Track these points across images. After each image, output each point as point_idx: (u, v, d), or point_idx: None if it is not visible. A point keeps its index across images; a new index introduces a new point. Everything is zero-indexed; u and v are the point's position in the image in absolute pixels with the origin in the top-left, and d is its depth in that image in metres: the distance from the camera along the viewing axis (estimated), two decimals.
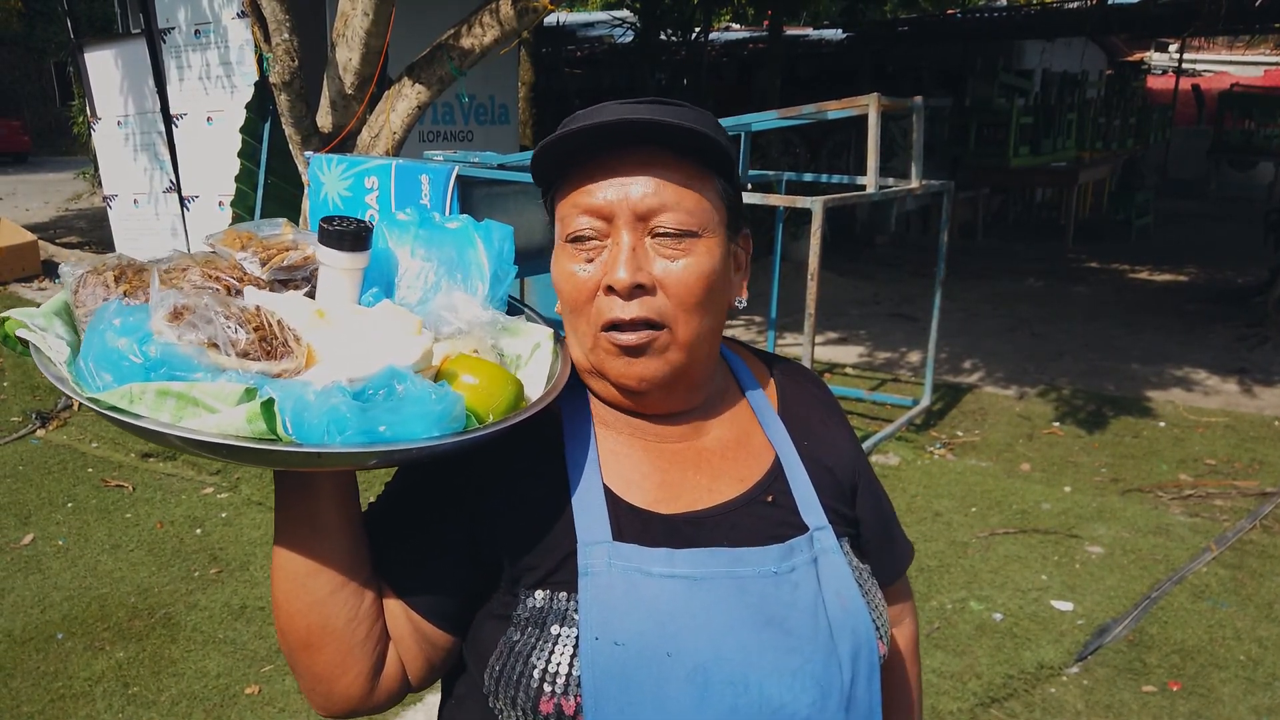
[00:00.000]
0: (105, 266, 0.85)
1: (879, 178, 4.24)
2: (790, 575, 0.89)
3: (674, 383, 0.93)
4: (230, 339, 0.77)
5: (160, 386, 0.72)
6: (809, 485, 0.97)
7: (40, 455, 4.63)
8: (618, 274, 0.86)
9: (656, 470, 0.94)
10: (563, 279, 0.92)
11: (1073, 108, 13.45)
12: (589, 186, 0.88)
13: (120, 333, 0.74)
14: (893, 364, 6.54)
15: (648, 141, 0.88)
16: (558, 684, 0.83)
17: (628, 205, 0.87)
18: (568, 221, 0.90)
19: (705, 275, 0.89)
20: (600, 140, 0.88)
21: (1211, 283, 9.26)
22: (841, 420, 1.08)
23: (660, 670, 0.83)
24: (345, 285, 0.89)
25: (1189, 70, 19.58)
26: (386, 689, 0.90)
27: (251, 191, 6.56)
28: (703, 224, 0.89)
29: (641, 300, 0.87)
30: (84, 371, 0.75)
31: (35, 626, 3.15)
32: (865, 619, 0.90)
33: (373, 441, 0.73)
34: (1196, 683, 2.91)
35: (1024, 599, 3.37)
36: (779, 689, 0.84)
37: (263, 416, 0.71)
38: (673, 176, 0.88)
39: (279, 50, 4.83)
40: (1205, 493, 4.35)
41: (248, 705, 2.77)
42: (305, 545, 0.84)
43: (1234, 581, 3.52)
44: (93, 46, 8.31)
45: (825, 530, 0.94)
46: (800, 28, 14.84)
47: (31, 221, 10.88)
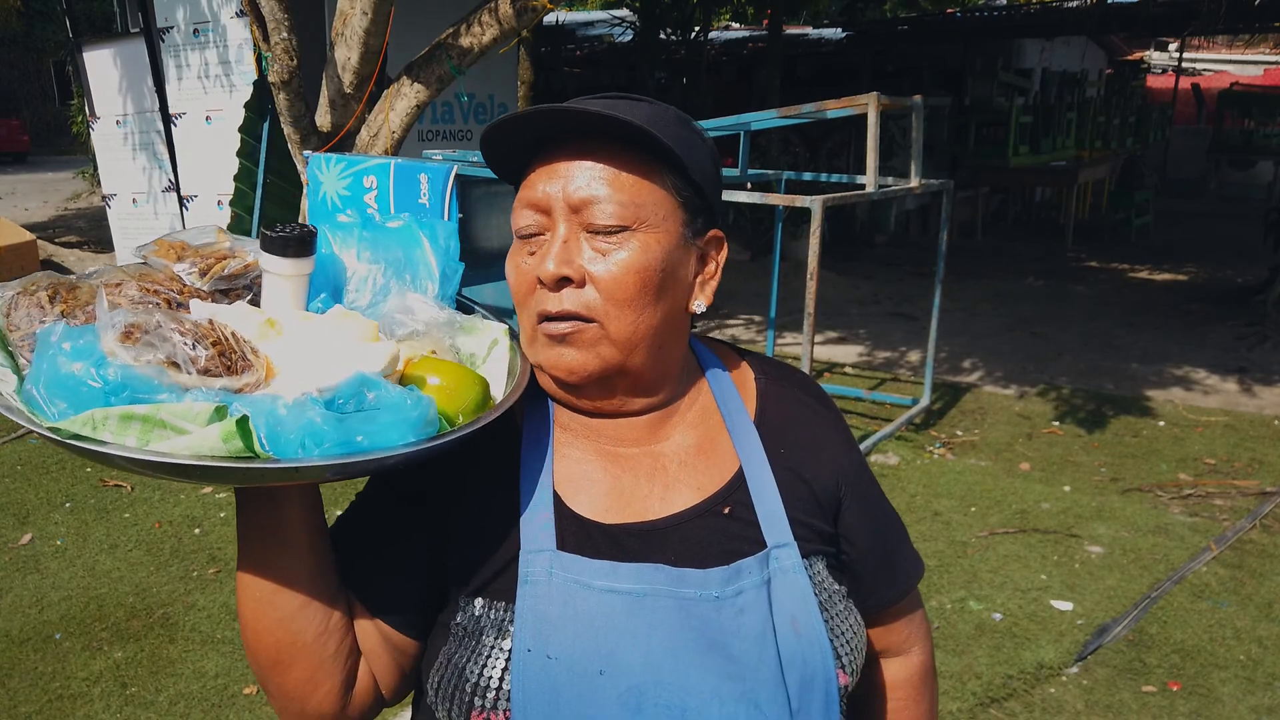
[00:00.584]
0: (36, 286, 0.81)
1: (878, 177, 4.23)
2: (735, 600, 0.85)
3: (610, 378, 0.90)
4: (189, 356, 0.73)
5: (124, 411, 0.68)
6: (776, 498, 0.92)
7: (38, 455, 4.62)
8: (545, 266, 0.85)
9: (609, 476, 0.91)
10: (509, 273, 0.91)
11: (1072, 107, 13.45)
12: (531, 179, 0.88)
13: (72, 357, 0.70)
14: (892, 363, 6.54)
15: (590, 135, 0.87)
16: (488, 698, 0.82)
17: (563, 197, 0.86)
18: (515, 216, 0.91)
19: (637, 270, 0.85)
20: (537, 133, 0.87)
21: (1211, 282, 9.26)
22: (834, 429, 1.02)
23: (592, 689, 0.80)
24: (291, 292, 0.88)
25: (1189, 69, 19.58)
26: (360, 703, 0.89)
27: (250, 191, 6.56)
28: (640, 218, 0.86)
29: (569, 292, 0.86)
30: (36, 399, 0.70)
31: (33, 626, 3.15)
32: (820, 646, 0.85)
33: (350, 452, 0.71)
34: (1196, 683, 2.90)
35: (1023, 599, 3.37)
36: (717, 715, 0.81)
37: (238, 434, 0.69)
38: (611, 169, 0.86)
39: (278, 49, 4.83)
40: (1205, 492, 4.35)
41: (246, 705, 2.76)
42: (271, 561, 0.82)
43: (1234, 581, 3.51)
44: (91, 46, 8.30)
45: (787, 548, 0.89)
46: (800, 27, 14.83)
47: (31, 221, 10.88)
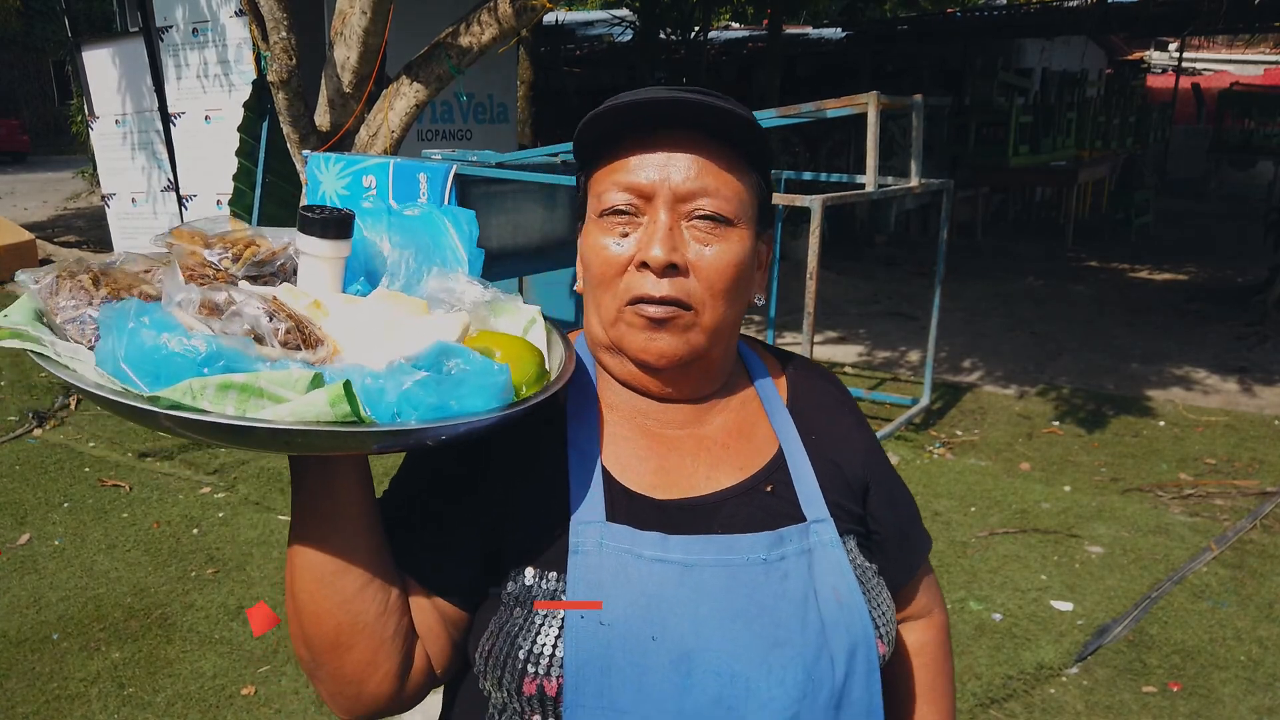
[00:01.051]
0: (78, 269, 0.81)
1: (878, 176, 4.23)
2: (780, 564, 0.88)
3: (690, 365, 0.93)
4: (271, 328, 0.75)
5: (221, 380, 0.69)
6: (813, 479, 0.95)
7: (37, 455, 4.61)
8: (653, 251, 0.86)
9: (655, 455, 0.94)
10: (593, 252, 0.91)
11: (1072, 107, 13.44)
12: (630, 163, 0.89)
13: (158, 329, 0.70)
14: (892, 363, 6.53)
15: (693, 125, 0.88)
16: (541, 664, 0.82)
17: (669, 185, 0.88)
18: (604, 197, 0.90)
19: (736, 263, 0.90)
20: (647, 118, 0.88)
21: (1211, 282, 9.25)
22: (855, 418, 1.06)
23: (644, 654, 0.82)
24: (329, 274, 0.88)
25: (1189, 69, 19.57)
26: (415, 683, 0.89)
27: (250, 190, 6.55)
28: (738, 213, 0.90)
29: (673, 280, 0.88)
30: (122, 375, 0.71)
31: (31, 627, 3.14)
32: (861, 615, 0.88)
33: (445, 417, 0.73)
34: (1197, 683, 2.89)
35: (1023, 599, 3.36)
36: (767, 683, 0.83)
37: (346, 399, 0.70)
38: (714, 162, 0.89)
39: (277, 48, 4.82)
40: (1205, 492, 4.34)
41: (244, 706, 2.75)
42: (331, 541, 0.82)
43: (1234, 581, 3.51)
44: (90, 45, 8.29)
45: (825, 523, 0.92)
46: (800, 27, 14.83)
47: (30, 220, 10.87)
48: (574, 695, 0.81)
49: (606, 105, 0.88)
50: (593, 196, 0.93)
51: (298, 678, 2.87)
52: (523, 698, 0.83)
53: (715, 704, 0.82)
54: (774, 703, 0.83)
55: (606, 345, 0.95)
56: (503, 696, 0.86)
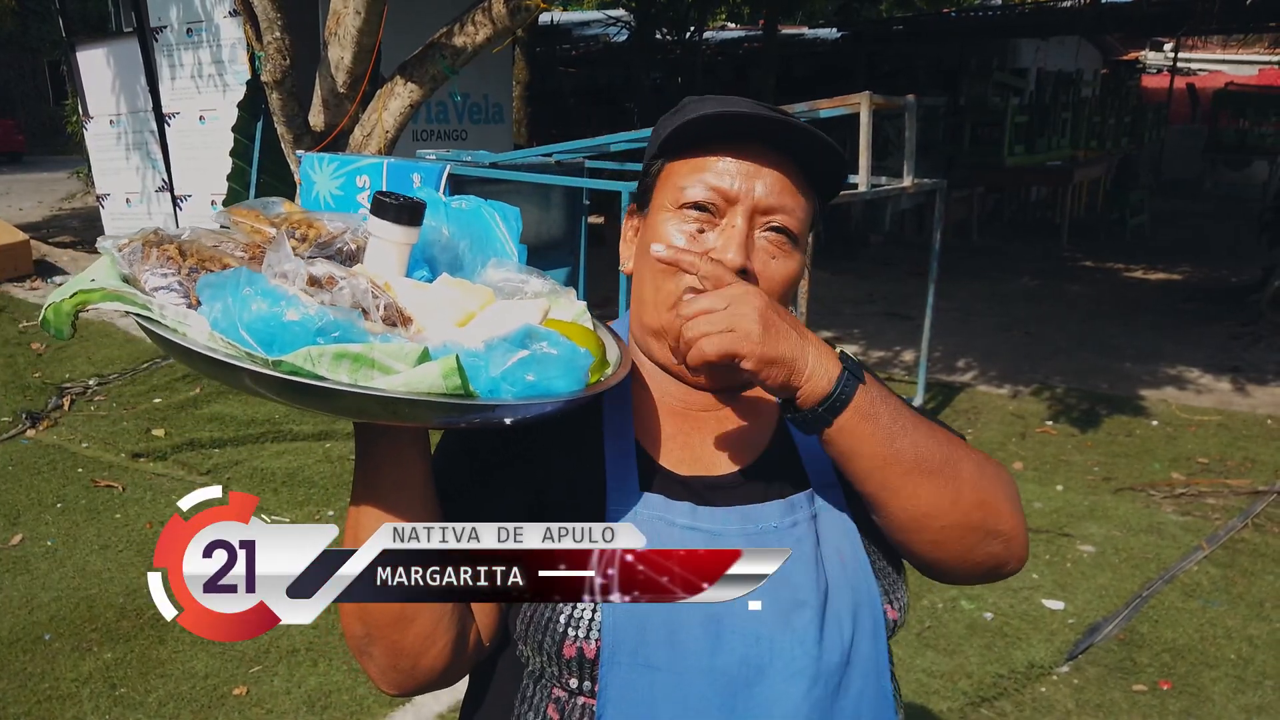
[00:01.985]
0: (159, 239, 0.84)
1: (871, 176, 4.23)
2: (792, 530, 0.93)
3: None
4: (375, 304, 0.79)
5: (337, 349, 0.72)
6: (819, 451, 0.98)
7: (30, 455, 4.61)
8: (729, 253, 0.91)
9: (681, 434, 1.00)
10: (666, 240, 0.95)
11: (1068, 107, 13.46)
12: (719, 165, 0.94)
13: (272, 298, 0.73)
14: (887, 363, 6.54)
15: (784, 145, 0.94)
16: (580, 628, 0.87)
17: (753, 196, 0.93)
18: (687, 190, 0.94)
19: (792, 279, 0.97)
20: (747, 129, 0.93)
21: (1206, 281, 9.27)
22: None
23: (676, 615, 0.87)
24: (396, 259, 0.92)
25: (1184, 69, 19.60)
26: (468, 656, 0.92)
27: (244, 190, 6.55)
28: (802, 233, 0.97)
29: None
30: (242, 340, 0.73)
31: (23, 627, 3.14)
32: (866, 576, 0.93)
33: (538, 395, 0.77)
34: (1187, 682, 2.90)
35: (1015, 598, 3.37)
36: (789, 642, 0.88)
37: (458, 373, 0.73)
38: (793, 182, 0.95)
39: (271, 49, 4.82)
40: (1197, 491, 4.36)
41: (235, 706, 2.76)
42: (398, 510, 0.84)
43: (1225, 580, 3.52)
44: (85, 45, 8.29)
45: (831, 489, 0.97)
46: (795, 27, 14.84)
47: (25, 221, 10.84)
48: (611, 653, 0.86)
49: (717, 111, 0.92)
50: (671, 186, 0.97)
51: (289, 678, 2.87)
52: (562, 660, 0.88)
53: (743, 663, 0.87)
54: (796, 662, 0.88)
55: (656, 329, 0.98)
56: (541, 661, 0.90)
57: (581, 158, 4.88)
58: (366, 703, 2.76)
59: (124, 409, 5.17)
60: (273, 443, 4.73)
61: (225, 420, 4.94)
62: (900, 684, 2.82)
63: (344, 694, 2.80)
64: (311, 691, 2.81)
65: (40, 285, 7.70)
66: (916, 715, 2.73)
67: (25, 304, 7.08)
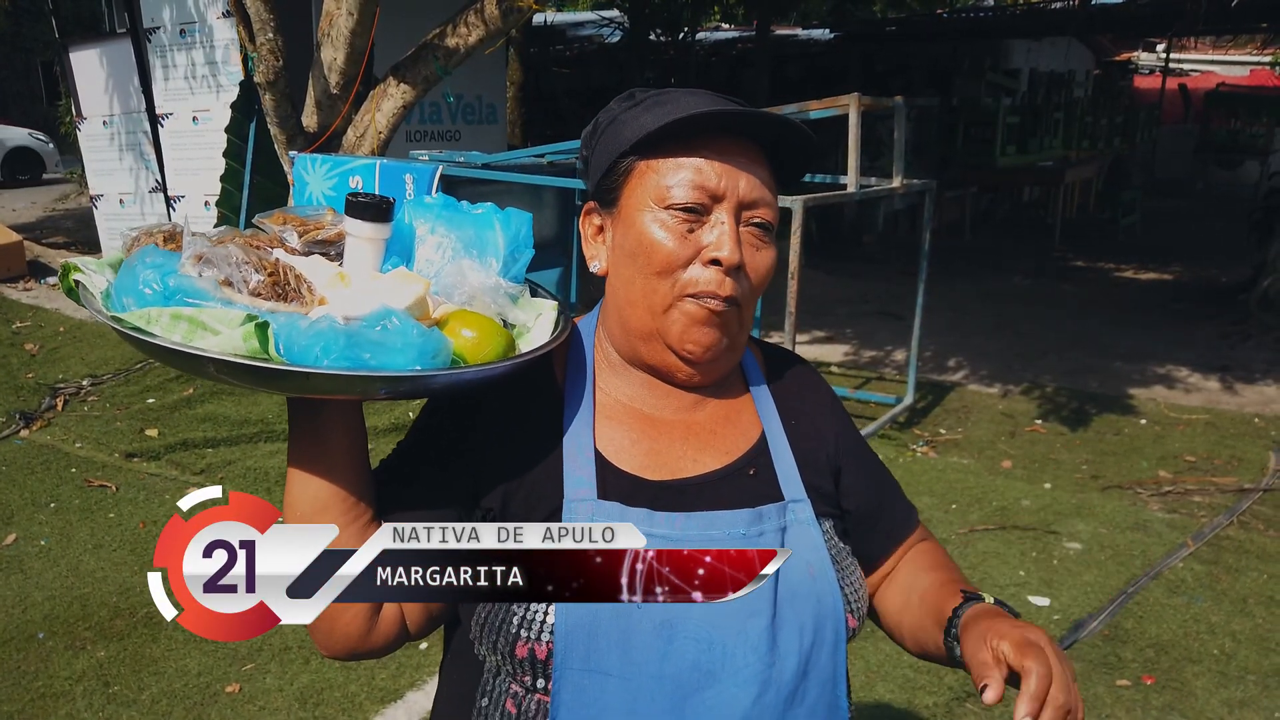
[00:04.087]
0: (157, 230, 0.95)
1: (861, 177, 4.26)
2: (758, 539, 0.94)
3: (720, 357, 1.00)
4: (243, 278, 0.86)
5: (174, 311, 0.81)
6: (792, 462, 1.02)
7: (23, 455, 4.62)
8: (726, 252, 0.94)
9: (647, 439, 1.00)
10: (656, 242, 0.95)
11: (1060, 107, 13.51)
12: (703, 165, 0.95)
13: (147, 267, 0.83)
14: (878, 362, 6.57)
15: (758, 137, 0.97)
16: (533, 630, 0.89)
17: (737, 193, 0.95)
18: (674, 190, 0.95)
19: (772, 269, 1.00)
20: (728, 126, 0.96)
21: (1196, 281, 9.32)
22: (830, 403, 1.13)
23: (629, 620, 0.88)
24: (368, 254, 0.97)
25: (1176, 70, 19.67)
26: (384, 632, 0.95)
27: (237, 191, 6.56)
28: (777, 223, 1.00)
29: (735, 279, 0.95)
30: (113, 300, 0.85)
31: (16, 626, 3.16)
32: (833, 590, 0.94)
33: (356, 366, 0.80)
34: (1170, 677, 2.94)
35: (1001, 594, 3.39)
36: (742, 649, 0.89)
37: (256, 336, 0.79)
38: (769, 179, 0.98)
39: (264, 50, 4.84)
40: (1184, 489, 4.39)
41: (228, 703, 2.78)
42: (311, 481, 0.90)
43: (1209, 577, 3.55)
44: (78, 46, 8.29)
45: (802, 503, 0.99)
46: (789, 27, 14.87)
47: (18, 222, 10.83)
48: (563, 658, 0.88)
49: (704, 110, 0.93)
50: (650, 185, 0.96)
51: (282, 675, 2.89)
52: (515, 660, 0.90)
53: (694, 668, 0.88)
54: (748, 669, 0.89)
55: (647, 332, 0.99)
56: (496, 660, 0.92)
57: (574, 158, 4.90)
58: (358, 699, 2.79)
59: (117, 409, 5.18)
60: (266, 442, 4.74)
61: (219, 420, 4.95)
62: (885, 680, 2.84)
63: (336, 691, 2.82)
64: (304, 688, 2.83)
65: (33, 286, 7.70)
66: (901, 711, 2.76)
67: (18, 305, 7.08)
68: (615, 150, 0.98)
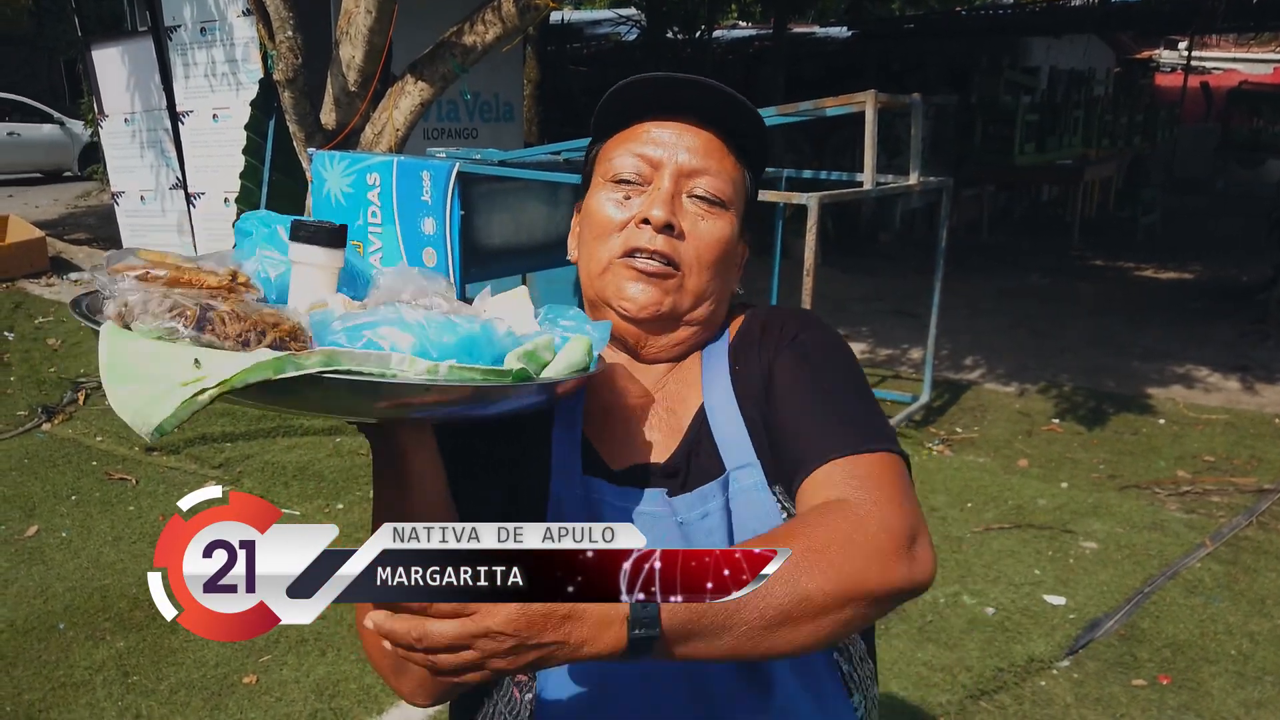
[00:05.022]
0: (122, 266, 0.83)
1: (878, 175, 4.25)
2: (703, 522, 0.92)
3: (665, 321, 0.98)
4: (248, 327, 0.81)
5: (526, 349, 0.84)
6: (738, 424, 0.95)
7: (45, 449, 4.68)
8: (654, 210, 0.94)
9: (614, 421, 1.00)
10: (596, 210, 0.99)
11: (1079, 105, 13.42)
12: (643, 135, 0.98)
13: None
14: (894, 360, 6.55)
15: (703, 111, 0.97)
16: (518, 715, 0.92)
17: (675, 160, 0.96)
18: (615, 162, 0.98)
19: (724, 240, 0.98)
20: (666, 97, 0.96)
21: (1216, 280, 9.24)
22: (786, 324, 1.00)
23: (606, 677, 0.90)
24: (321, 284, 0.92)
25: (1198, 68, 19.50)
26: None
27: (256, 188, 6.60)
28: (731, 198, 0.99)
29: (667, 238, 0.95)
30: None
31: (38, 616, 3.20)
32: None
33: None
34: (1186, 677, 2.92)
35: (1016, 593, 3.39)
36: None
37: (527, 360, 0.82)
38: (720, 147, 0.98)
39: (283, 47, 4.87)
40: (1202, 489, 4.36)
41: (245, 695, 2.80)
42: (395, 510, 0.90)
43: (1227, 577, 3.53)
44: (100, 44, 8.36)
45: (748, 468, 0.92)
46: (806, 25, 14.83)
47: (41, 218, 10.94)
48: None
49: (634, 78, 0.96)
50: (603, 162, 1.00)
51: (298, 667, 2.92)
52: None
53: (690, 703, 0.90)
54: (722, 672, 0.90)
55: (593, 301, 1.01)
56: None
57: None
58: (374, 692, 2.81)
59: None
60: (283, 437, 4.78)
61: (237, 415, 4.99)
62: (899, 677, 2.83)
63: (352, 683, 2.84)
64: (320, 680, 2.85)
65: (56, 282, 7.79)
66: (914, 708, 2.76)
67: (41, 300, 7.16)
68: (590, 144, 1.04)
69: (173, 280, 0.83)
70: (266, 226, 1.00)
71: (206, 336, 0.78)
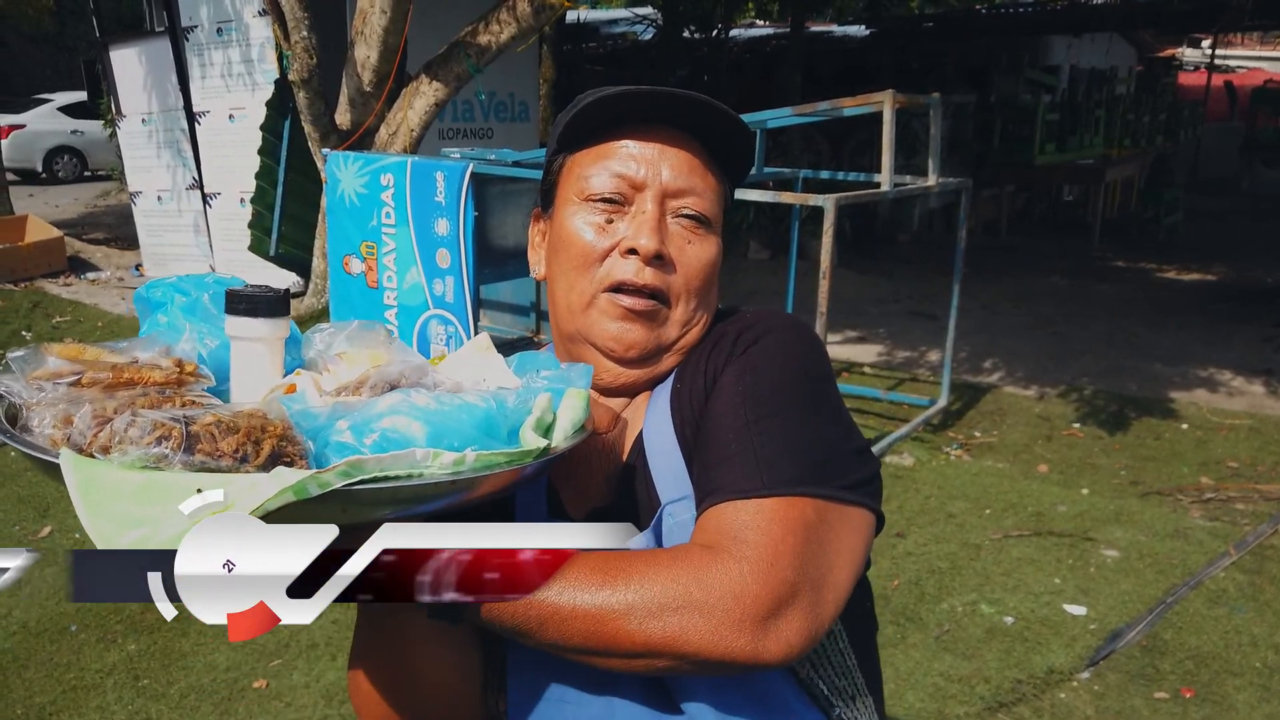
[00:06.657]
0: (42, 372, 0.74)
1: (895, 175, 4.20)
2: None
3: (650, 357, 0.92)
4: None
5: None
6: (675, 452, 0.88)
7: None
8: (642, 239, 0.88)
9: (580, 463, 0.94)
10: (574, 234, 0.91)
11: (1101, 104, 13.28)
12: (622, 152, 0.90)
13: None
14: (912, 363, 6.49)
15: (685, 125, 0.91)
16: None
17: (660, 180, 0.90)
18: (593, 180, 0.91)
19: (711, 263, 0.92)
20: (646, 111, 0.90)
21: (1239, 281, 9.12)
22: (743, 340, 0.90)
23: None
24: (265, 359, 0.83)
25: (1221, 66, 19.28)
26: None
27: (271, 188, 6.62)
28: (715, 217, 0.93)
29: (656, 270, 0.89)
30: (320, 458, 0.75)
31: (50, 618, 3.19)
32: None
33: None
34: (1210, 689, 2.86)
35: (1036, 602, 3.33)
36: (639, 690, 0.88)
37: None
38: (701, 165, 0.92)
39: (298, 48, 4.87)
40: (1226, 496, 4.29)
41: (255, 699, 2.79)
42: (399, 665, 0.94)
43: (1252, 587, 3.46)
44: (118, 44, 8.41)
45: (681, 502, 0.86)
46: (824, 24, 14.76)
47: (59, 218, 11.03)
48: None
49: (614, 91, 0.89)
50: (575, 178, 0.93)
51: (309, 671, 2.90)
52: None
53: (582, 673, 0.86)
54: (636, 677, 0.84)
55: (571, 334, 0.94)
56: None
57: None
58: None
59: None
60: None
61: None
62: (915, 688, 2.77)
63: None
64: (330, 685, 2.84)
65: (73, 281, 7.83)
66: (932, 718, 2.71)
67: (59, 300, 7.20)
68: (550, 150, 0.96)
69: (115, 382, 0.73)
70: (184, 294, 0.90)
71: (199, 458, 0.69)
